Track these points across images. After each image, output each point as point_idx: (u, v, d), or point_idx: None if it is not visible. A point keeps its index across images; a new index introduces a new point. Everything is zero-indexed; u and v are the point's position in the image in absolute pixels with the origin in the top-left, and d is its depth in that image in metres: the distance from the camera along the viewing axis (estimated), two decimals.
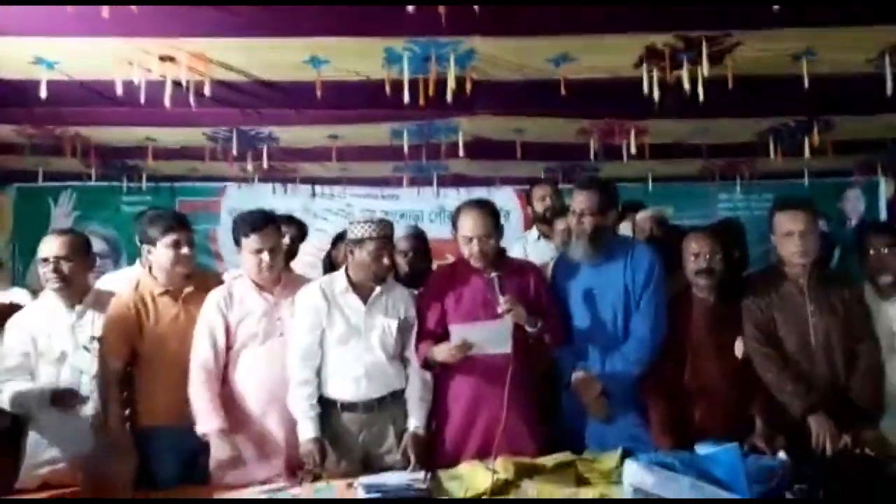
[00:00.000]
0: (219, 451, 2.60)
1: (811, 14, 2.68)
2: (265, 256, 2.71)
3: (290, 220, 3.79)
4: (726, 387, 2.76)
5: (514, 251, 3.44)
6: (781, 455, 2.42)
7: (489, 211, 2.79)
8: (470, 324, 2.66)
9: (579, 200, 2.85)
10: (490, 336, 2.62)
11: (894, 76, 3.02)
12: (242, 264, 2.83)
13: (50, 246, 2.80)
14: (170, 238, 2.78)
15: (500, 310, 2.59)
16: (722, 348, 2.80)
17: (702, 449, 2.34)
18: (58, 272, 2.77)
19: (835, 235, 4.87)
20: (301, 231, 3.83)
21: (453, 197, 5.36)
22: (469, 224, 2.74)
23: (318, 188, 5.64)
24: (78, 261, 2.83)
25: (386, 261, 2.69)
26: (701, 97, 3.07)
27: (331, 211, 5.62)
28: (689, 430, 2.68)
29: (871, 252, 2.89)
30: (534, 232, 3.93)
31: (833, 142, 4.34)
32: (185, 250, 2.80)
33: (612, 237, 2.91)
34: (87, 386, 2.78)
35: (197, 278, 2.92)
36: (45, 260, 2.78)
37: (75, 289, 2.83)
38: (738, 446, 2.23)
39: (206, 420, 2.62)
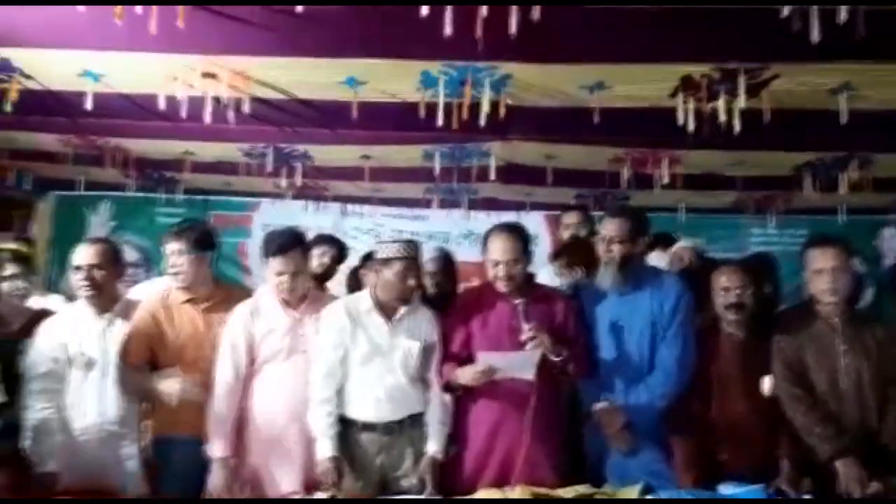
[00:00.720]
0: (215, 479, 2.61)
1: (850, 49, 2.64)
2: (286, 279, 2.72)
3: (331, 240, 3.80)
4: (753, 425, 2.69)
5: (541, 277, 3.42)
6: (807, 499, 2.35)
7: (518, 236, 2.77)
8: (498, 353, 2.64)
9: (609, 227, 2.82)
10: (516, 364, 2.60)
11: None
12: (268, 280, 2.86)
13: (83, 254, 2.84)
14: (166, 249, 2.84)
15: (523, 337, 2.57)
16: (750, 385, 2.73)
17: (725, 489, 2.29)
18: (90, 280, 2.81)
19: (870, 274, 4.77)
20: (341, 253, 3.84)
21: (482, 220, 5.36)
22: (497, 247, 2.73)
23: (348, 207, 5.70)
24: (109, 269, 2.87)
25: (412, 281, 2.68)
26: (737, 129, 3.05)
27: (361, 230, 5.67)
28: (714, 468, 2.62)
29: None
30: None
31: (870, 179, 4.27)
32: (173, 261, 2.82)
33: (640, 266, 2.88)
34: (111, 394, 2.81)
35: (223, 290, 2.95)
36: (78, 268, 2.82)
37: (106, 297, 2.87)
38: (763, 489, 2.18)
39: (214, 444, 2.64)
